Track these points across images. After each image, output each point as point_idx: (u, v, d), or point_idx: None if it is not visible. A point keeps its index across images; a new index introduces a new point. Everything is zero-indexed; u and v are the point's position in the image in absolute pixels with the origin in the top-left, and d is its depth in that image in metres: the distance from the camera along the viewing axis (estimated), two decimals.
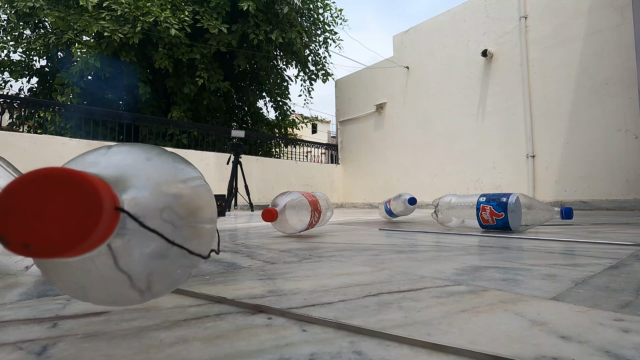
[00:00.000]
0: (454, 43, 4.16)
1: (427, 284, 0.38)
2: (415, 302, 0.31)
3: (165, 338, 0.23)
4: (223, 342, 0.23)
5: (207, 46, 4.76)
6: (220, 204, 2.13)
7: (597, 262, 0.49)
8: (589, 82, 3.15)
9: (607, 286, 0.36)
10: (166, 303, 0.31)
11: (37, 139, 3.20)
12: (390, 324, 0.26)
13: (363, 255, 0.59)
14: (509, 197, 0.93)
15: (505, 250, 0.62)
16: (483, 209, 0.96)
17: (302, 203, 0.86)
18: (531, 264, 0.48)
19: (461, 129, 4.05)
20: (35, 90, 5.78)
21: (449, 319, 0.27)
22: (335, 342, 0.22)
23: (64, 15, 4.46)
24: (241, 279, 0.42)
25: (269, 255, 0.60)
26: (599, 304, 0.30)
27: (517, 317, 0.27)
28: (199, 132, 4.50)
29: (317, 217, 0.91)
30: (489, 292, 0.34)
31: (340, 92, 5.53)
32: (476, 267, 0.47)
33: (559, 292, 0.34)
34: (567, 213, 0.90)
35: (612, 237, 0.82)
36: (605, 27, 3.07)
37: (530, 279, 0.39)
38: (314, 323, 0.26)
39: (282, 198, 0.85)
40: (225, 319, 0.27)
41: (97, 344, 0.22)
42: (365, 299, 0.32)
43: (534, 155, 3.48)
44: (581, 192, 3.17)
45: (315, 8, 5.91)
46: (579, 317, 0.26)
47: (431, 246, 0.69)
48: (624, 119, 2.95)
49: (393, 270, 0.46)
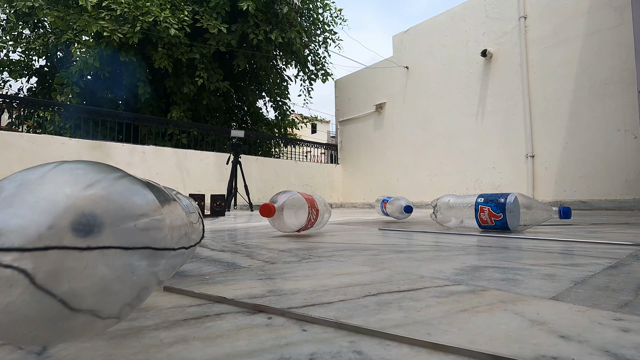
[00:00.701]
0: (453, 43, 4.16)
1: (427, 283, 0.38)
2: (415, 302, 0.31)
3: (165, 338, 0.23)
4: (223, 342, 0.23)
5: (207, 46, 4.76)
6: (220, 203, 2.13)
7: (596, 262, 0.49)
8: (588, 82, 3.15)
9: (607, 286, 0.36)
10: (166, 303, 0.31)
11: (36, 138, 3.20)
12: (390, 323, 0.26)
13: (362, 255, 0.59)
14: (507, 198, 0.93)
15: (505, 250, 0.63)
16: (481, 209, 0.96)
17: (300, 200, 0.86)
18: (530, 264, 0.48)
19: (461, 128, 4.05)
20: (35, 90, 5.77)
21: (448, 318, 0.27)
22: (335, 342, 0.22)
23: (64, 15, 4.45)
24: (241, 278, 0.42)
25: (269, 255, 0.60)
26: (598, 303, 0.30)
27: (516, 316, 0.27)
28: (198, 132, 4.50)
29: (315, 215, 0.91)
30: (488, 291, 0.34)
31: (339, 92, 5.53)
32: (475, 267, 0.47)
33: (558, 292, 0.34)
34: (565, 213, 0.91)
35: (611, 237, 0.82)
36: (604, 27, 3.07)
37: (530, 279, 0.39)
38: (314, 323, 0.26)
39: (280, 196, 0.86)
40: (225, 318, 0.27)
41: (97, 343, 0.22)
42: (365, 299, 0.32)
43: (533, 155, 3.48)
44: (580, 192, 3.17)
45: (314, 8, 5.91)
46: (578, 317, 0.26)
47: (430, 246, 0.69)
48: (624, 119, 2.95)
49: (392, 270, 0.46)
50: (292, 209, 0.85)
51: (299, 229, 0.89)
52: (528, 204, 0.93)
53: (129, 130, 4.01)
